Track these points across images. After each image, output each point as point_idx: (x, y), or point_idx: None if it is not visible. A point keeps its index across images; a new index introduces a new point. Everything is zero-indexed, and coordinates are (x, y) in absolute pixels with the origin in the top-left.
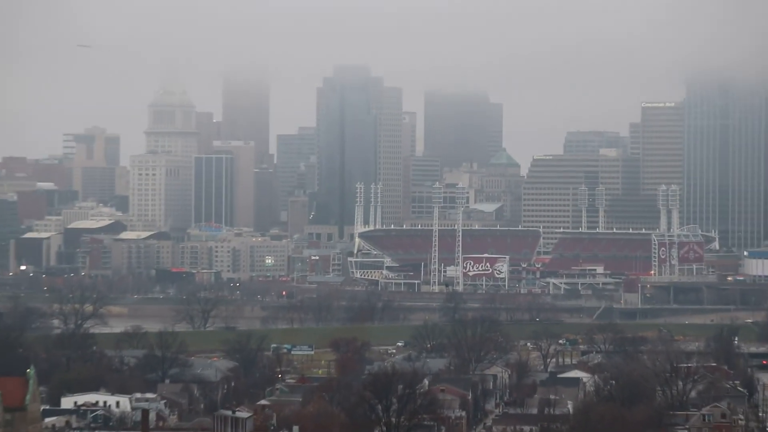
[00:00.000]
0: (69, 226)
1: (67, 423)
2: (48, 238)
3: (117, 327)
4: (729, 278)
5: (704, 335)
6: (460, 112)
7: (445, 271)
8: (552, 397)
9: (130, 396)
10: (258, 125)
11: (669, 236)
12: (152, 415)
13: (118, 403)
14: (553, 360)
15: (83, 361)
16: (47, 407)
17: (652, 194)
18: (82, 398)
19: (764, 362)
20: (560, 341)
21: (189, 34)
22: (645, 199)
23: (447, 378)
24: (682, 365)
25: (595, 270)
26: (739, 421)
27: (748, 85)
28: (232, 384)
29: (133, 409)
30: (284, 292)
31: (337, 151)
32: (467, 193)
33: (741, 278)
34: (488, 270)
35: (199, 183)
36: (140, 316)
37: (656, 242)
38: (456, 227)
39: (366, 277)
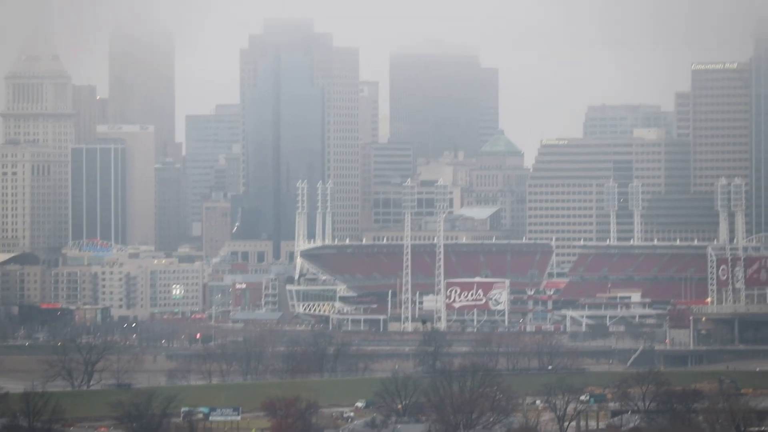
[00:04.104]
0: None
1: None
2: None
3: None
4: None
5: None
6: (439, 81)
7: (421, 303)
8: None
9: None
10: (159, 103)
11: (732, 249)
12: None
13: None
14: (573, 424)
15: None
16: None
17: (708, 191)
18: None
19: None
20: (582, 397)
21: None
22: (698, 199)
23: None
24: (752, 429)
25: (629, 298)
26: None
27: None
28: None
29: None
30: (198, 335)
31: (269, 137)
32: (451, 193)
33: None
34: (481, 300)
35: (78, 184)
36: None
37: (714, 258)
38: (436, 241)
39: (312, 312)
